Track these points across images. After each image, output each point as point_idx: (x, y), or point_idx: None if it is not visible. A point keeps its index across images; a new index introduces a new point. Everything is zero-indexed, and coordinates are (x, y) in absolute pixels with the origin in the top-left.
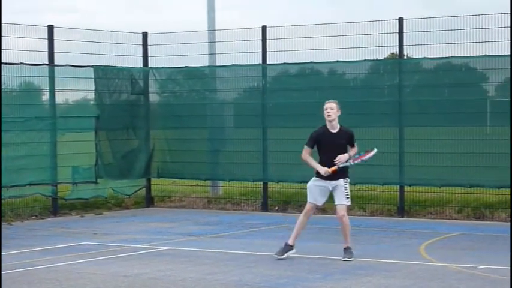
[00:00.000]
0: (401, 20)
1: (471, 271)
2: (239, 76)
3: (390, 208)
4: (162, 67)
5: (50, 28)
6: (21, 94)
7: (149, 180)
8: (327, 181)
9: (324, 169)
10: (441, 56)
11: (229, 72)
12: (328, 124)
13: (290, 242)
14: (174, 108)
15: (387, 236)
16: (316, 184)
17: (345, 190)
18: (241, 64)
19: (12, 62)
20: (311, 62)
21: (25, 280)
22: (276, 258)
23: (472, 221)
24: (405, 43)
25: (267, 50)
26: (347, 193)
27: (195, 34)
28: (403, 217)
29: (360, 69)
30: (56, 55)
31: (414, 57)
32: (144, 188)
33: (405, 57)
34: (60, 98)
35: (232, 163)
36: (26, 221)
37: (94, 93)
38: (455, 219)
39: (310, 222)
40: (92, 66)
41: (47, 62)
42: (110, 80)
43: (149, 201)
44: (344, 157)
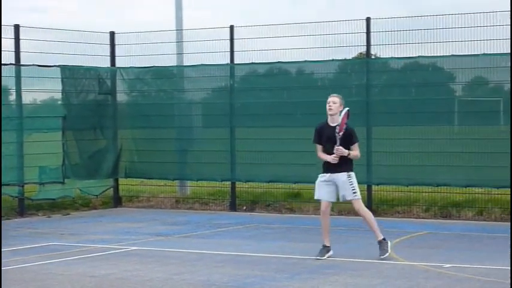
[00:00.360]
0: (368, 20)
1: (438, 270)
2: (207, 76)
3: None
4: (130, 67)
5: (16, 27)
6: None
7: (117, 180)
8: (331, 174)
9: (330, 157)
10: (408, 56)
11: (197, 72)
12: (329, 118)
13: (326, 244)
14: (142, 108)
15: (355, 235)
16: (321, 180)
17: (351, 185)
18: (209, 64)
19: None
20: (279, 62)
21: None
22: (317, 258)
23: (439, 220)
24: (373, 43)
25: (235, 50)
26: (353, 188)
27: (163, 34)
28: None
29: (328, 68)
30: (23, 55)
31: (382, 56)
32: (112, 188)
33: (373, 56)
34: (27, 98)
35: (200, 163)
36: None
37: (61, 93)
38: (422, 218)
39: (277, 221)
40: (59, 66)
41: (14, 62)
42: (77, 80)
43: (117, 201)
44: (344, 151)
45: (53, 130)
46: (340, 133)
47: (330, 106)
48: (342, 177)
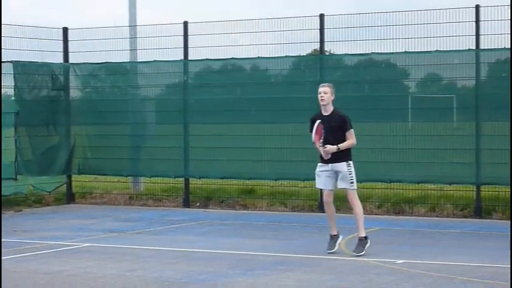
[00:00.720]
0: (322, 17)
1: (390, 265)
2: (161, 72)
3: (311, 204)
4: (83, 63)
5: None
6: None
7: (70, 176)
8: (333, 165)
9: (322, 152)
10: (362, 53)
11: (150, 68)
12: (322, 108)
13: (333, 233)
14: (95, 104)
15: (308, 231)
16: (320, 170)
17: (350, 175)
18: (162, 60)
19: None
20: (233, 58)
21: None
22: (329, 252)
23: (392, 216)
24: (326, 39)
25: (189, 46)
26: (351, 177)
27: (117, 30)
28: (324, 212)
29: (282, 65)
30: None
31: (336, 53)
32: (65, 185)
33: (327, 53)
34: None
35: (153, 159)
36: None
37: (13, 89)
38: (375, 214)
39: (231, 218)
40: (12, 61)
41: None
42: (30, 76)
43: (70, 197)
44: (332, 147)
45: (6, 126)
46: (318, 144)
47: (322, 97)
48: (342, 166)
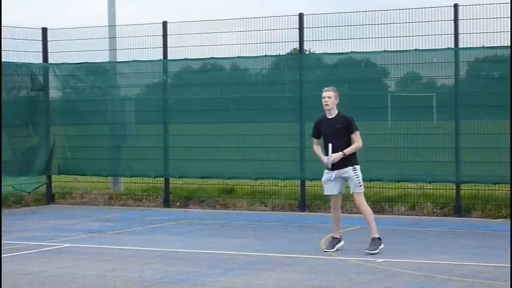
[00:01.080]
0: (301, 16)
1: (370, 264)
2: (140, 72)
3: (291, 203)
4: (62, 63)
5: None
6: None
7: (49, 177)
8: (338, 171)
9: (325, 161)
10: (342, 52)
11: (130, 68)
12: (326, 112)
13: (335, 236)
14: (75, 104)
15: (288, 231)
16: (327, 178)
17: (357, 178)
18: (142, 60)
19: None
20: (212, 58)
21: None
22: (326, 251)
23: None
24: (306, 38)
25: (168, 46)
26: (359, 181)
27: (96, 30)
28: (304, 211)
29: (261, 64)
30: None
31: (315, 52)
32: (45, 185)
33: (306, 52)
34: None
35: (133, 159)
36: None
37: None
38: (355, 213)
39: (211, 217)
40: None
41: None
42: (9, 76)
43: (50, 198)
44: (337, 156)
45: None
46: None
47: (326, 101)
48: (349, 171)
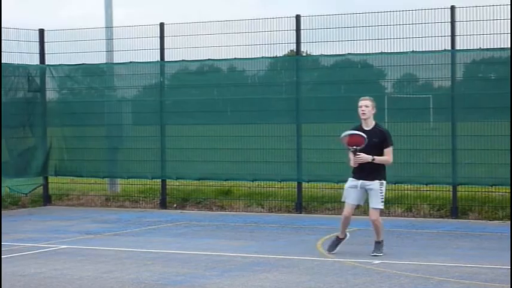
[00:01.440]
0: (298, 17)
1: (367, 266)
2: (137, 73)
3: (288, 204)
4: (59, 64)
5: None
6: None
7: (46, 178)
8: (361, 181)
9: (352, 159)
10: (338, 53)
11: (127, 69)
12: (362, 122)
13: (340, 236)
14: (72, 105)
15: (285, 232)
16: (350, 185)
17: (381, 194)
18: (139, 61)
19: None
20: (209, 59)
21: None
22: (328, 253)
23: (368, 217)
24: (303, 40)
25: (165, 47)
26: (382, 196)
27: (93, 31)
28: (301, 213)
29: (259, 66)
30: None
31: (312, 54)
32: (41, 187)
33: (303, 54)
34: None
35: (130, 160)
36: None
37: None
38: (353, 214)
39: (208, 219)
40: None
41: None
42: (6, 78)
43: (46, 199)
44: (366, 157)
45: None
46: (351, 149)
47: (363, 110)
48: (375, 185)
